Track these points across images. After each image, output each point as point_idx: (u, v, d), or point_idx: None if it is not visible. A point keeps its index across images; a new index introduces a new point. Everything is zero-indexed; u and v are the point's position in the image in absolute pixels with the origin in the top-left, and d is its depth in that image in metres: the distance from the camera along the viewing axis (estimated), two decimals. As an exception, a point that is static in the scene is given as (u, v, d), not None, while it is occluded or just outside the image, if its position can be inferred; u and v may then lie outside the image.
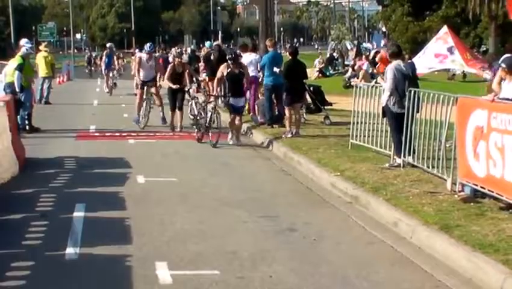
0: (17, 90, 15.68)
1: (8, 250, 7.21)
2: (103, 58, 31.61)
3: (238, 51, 18.74)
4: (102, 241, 7.49)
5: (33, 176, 11.28)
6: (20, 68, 15.92)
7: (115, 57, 31.64)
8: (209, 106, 15.03)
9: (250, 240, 7.65)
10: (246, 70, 15.45)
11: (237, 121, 14.79)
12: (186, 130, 16.17)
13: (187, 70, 17.48)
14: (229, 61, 14.89)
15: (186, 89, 16.75)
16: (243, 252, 7.15)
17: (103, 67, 30.91)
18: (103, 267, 6.76)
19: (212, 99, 15.31)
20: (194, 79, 18.33)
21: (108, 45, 33.17)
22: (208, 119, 14.77)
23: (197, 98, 16.21)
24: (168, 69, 17.09)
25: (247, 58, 18.03)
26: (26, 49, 16.55)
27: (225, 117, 15.49)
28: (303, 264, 6.85)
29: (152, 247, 7.33)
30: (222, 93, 16.43)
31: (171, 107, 16.74)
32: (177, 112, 16.67)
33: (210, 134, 14.57)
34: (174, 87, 16.55)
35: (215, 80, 15.29)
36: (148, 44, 18.24)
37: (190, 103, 16.15)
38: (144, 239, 7.64)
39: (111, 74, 29.52)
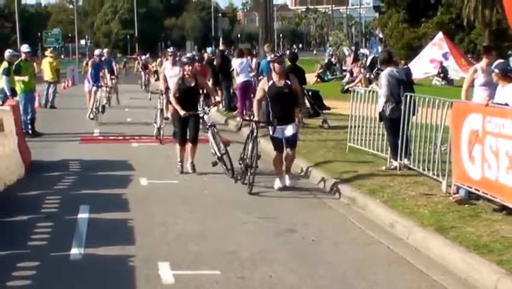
0: (8, 93, 15.69)
1: (14, 250, 7.21)
2: (89, 69, 21.83)
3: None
4: (106, 241, 7.49)
5: (38, 178, 11.28)
6: (6, 72, 15.94)
7: (105, 71, 21.61)
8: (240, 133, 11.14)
9: (250, 241, 7.65)
10: (296, 83, 10.46)
11: (289, 153, 10.29)
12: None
13: (206, 83, 12.95)
14: (275, 66, 10.14)
15: (206, 110, 12.04)
16: (243, 252, 7.14)
17: (86, 85, 20.93)
18: (107, 267, 6.76)
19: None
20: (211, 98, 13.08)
21: (96, 52, 23.01)
22: (248, 154, 10.29)
23: (216, 127, 11.77)
24: (174, 84, 12.10)
25: (235, 62, 18.40)
26: (8, 52, 16.61)
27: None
28: (302, 264, 6.84)
29: (155, 248, 7.32)
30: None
31: (179, 140, 11.74)
32: (189, 146, 11.67)
33: (249, 175, 10.24)
34: (182, 113, 11.36)
35: (255, 103, 10.62)
36: (172, 48, 16.06)
37: (209, 132, 11.71)
38: (147, 240, 7.64)
39: (98, 95, 19.61)
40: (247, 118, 10.77)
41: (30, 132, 16.20)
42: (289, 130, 10.15)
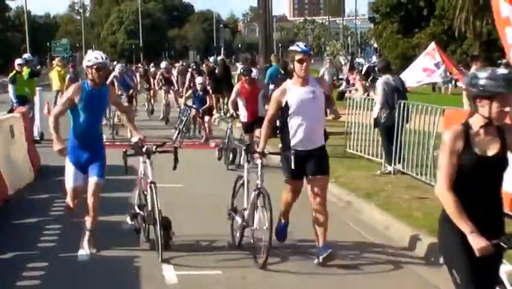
0: (14, 100, 15.94)
1: (24, 251, 7.23)
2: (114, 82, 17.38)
3: None
4: (112, 243, 7.49)
5: (47, 182, 11.28)
6: (12, 81, 16.34)
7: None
8: None
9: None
10: None
11: None
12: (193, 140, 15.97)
13: None
14: None
15: None
16: (244, 253, 7.13)
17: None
18: (113, 267, 6.77)
19: None
20: None
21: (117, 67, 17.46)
22: None
23: None
24: None
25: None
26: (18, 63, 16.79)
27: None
28: (302, 265, 6.84)
29: (159, 249, 7.31)
30: None
31: None
32: None
33: None
34: (478, 247, 3.70)
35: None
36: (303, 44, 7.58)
37: None
38: (152, 241, 7.62)
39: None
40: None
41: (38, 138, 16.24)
42: None
